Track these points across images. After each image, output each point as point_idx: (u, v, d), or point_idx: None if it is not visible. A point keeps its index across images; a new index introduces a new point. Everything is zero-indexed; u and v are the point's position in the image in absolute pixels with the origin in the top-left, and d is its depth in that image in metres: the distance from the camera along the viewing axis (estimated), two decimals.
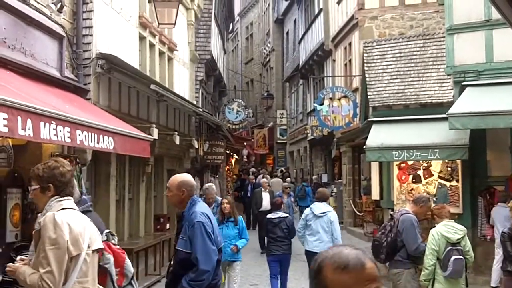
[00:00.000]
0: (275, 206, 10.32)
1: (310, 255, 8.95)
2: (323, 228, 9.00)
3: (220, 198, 8.62)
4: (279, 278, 9.76)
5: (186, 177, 5.08)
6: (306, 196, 20.65)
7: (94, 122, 6.31)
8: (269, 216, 10.05)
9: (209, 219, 4.80)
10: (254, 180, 22.84)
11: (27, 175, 7.22)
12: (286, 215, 10.14)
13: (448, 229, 6.92)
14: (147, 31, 11.96)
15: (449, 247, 6.81)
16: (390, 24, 16.94)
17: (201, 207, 4.86)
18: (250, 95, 39.40)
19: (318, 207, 9.21)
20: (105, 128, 6.56)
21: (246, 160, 35.72)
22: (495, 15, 9.90)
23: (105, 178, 9.72)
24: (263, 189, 17.00)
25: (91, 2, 8.99)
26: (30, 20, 7.27)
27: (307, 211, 9.44)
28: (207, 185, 9.87)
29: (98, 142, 6.25)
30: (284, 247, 9.68)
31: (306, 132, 26.21)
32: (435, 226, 7.09)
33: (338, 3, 20.00)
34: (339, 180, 21.26)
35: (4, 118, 4.51)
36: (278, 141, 34.20)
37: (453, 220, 7.24)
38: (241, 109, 27.60)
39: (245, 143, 32.66)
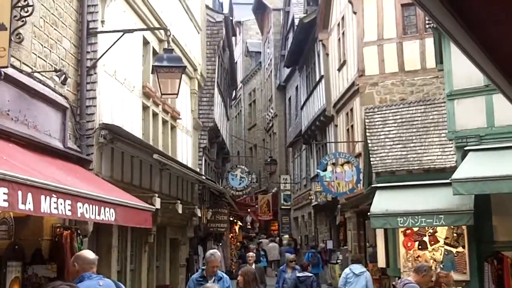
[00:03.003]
0: (302, 267, 13.09)
1: None
2: (361, 284, 11.46)
3: (220, 272, 7.88)
4: None
5: (84, 252, 5.38)
6: (318, 263, 20.36)
7: (95, 194, 6.29)
8: (298, 274, 12.48)
9: None
10: (254, 251, 22.36)
11: (28, 248, 7.21)
12: (311, 274, 12.72)
13: None
14: (151, 101, 12.10)
15: None
16: (391, 90, 17.11)
17: (83, 285, 4.89)
18: (253, 161, 39.48)
19: (356, 267, 11.82)
20: (106, 200, 6.53)
21: (250, 227, 35.43)
22: None
23: (107, 249, 9.61)
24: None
25: (95, 73, 9.13)
26: (34, 92, 7.36)
27: (347, 270, 11.95)
28: (211, 251, 9.06)
29: (99, 214, 6.21)
30: None
31: (310, 197, 26.08)
32: None
33: (339, 69, 20.29)
34: (345, 247, 21.00)
35: (4, 193, 4.50)
36: (282, 207, 33.97)
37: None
38: (245, 175, 27.58)
39: (248, 210, 32.50)
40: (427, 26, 15.49)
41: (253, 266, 16.45)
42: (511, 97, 3.22)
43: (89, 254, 5.37)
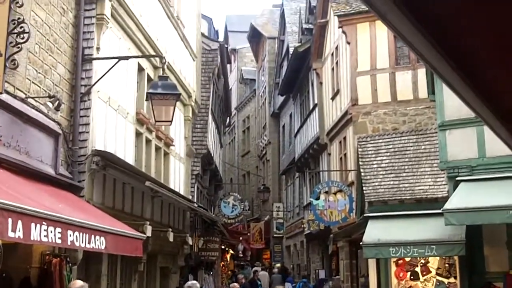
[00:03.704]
0: None
1: None
2: None
3: None
4: None
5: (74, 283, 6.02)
6: None
7: (85, 222, 6.26)
8: None
9: None
10: (243, 280, 21.95)
11: (16, 276, 7.14)
12: None
13: None
14: (144, 127, 12.11)
15: None
16: (383, 119, 17.21)
17: None
18: (246, 188, 39.40)
19: None
20: (96, 228, 6.50)
21: (242, 255, 35.21)
22: None
23: (96, 277, 9.51)
24: None
25: (89, 99, 9.14)
26: (27, 118, 7.36)
27: None
28: (189, 283, 9.31)
29: (89, 242, 6.17)
30: None
31: (302, 226, 25.98)
32: None
33: (332, 98, 20.41)
34: (337, 276, 20.87)
35: None
36: (275, 235, 33.81)
37: None
38: (237, 203, 27.49)
39: (241, 238, 32.30)
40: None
41: None
42: (498, 131, 3.26)
43: (74, 284, 5.45)
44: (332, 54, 20.50)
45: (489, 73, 2.49)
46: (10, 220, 4.65)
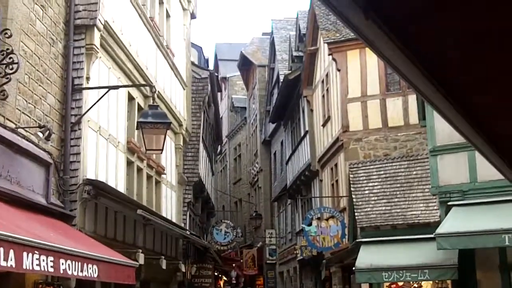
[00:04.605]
0: None
1: None
2: None
3: None
4: None
5: None
6: None
7: (78, 250, 6.24)
8: None
9: None
10: None
11: None
12: None
13: None
14: (135, 156, 12.11)
15: None
16: (375, 145, 17.28)
17: None
18: (238, 215, 39.29)
19: None
20: (89, 256, 6.48)
21: (235, 282, 34.99)
22: None
23: None
24: None
25: (80, 129, 9.15)
26: (18, 148, 7.36)
27: None
28: None
29: (82, 271, 6.15)
30: None
31: (295, 252, 25.89)
32: None
33: (323, 125, 20.50)
34: None
35: None
36: (268, 261, 33.65)
37: None
38: (230, 230, 27.41)
39: (233, 264, 32.14)
40: None
41: None
42: (489, 157, 3.30)
43: None
44: (323, 81, 20.65)
45: (477, 99, 2.53)
46: (1, 249, 4.64)
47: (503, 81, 2.29)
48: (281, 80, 27.16)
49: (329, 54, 18.54)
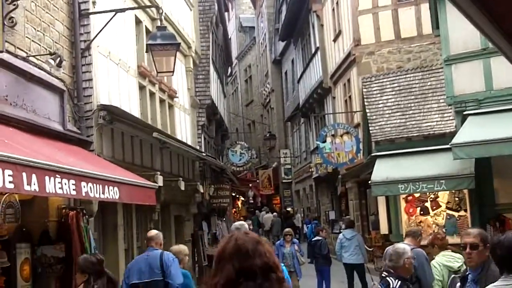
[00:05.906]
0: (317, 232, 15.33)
1: (347, 266, 13.34)
2: (354, 245, 13.05)
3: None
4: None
5: (149, 232, 7.32)
6: None
7: (98, 173, 6.32)
8: (313, 239, 14.57)
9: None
10: (251, 226, 22.15)
11: (35, 230, 7.26)
12: (321, 238, 14.09)
13: (448, 259, 6.99)
14: (147, 80, 12.06)
15: (452, 275, 6.80)
16: (388, 58, 17.06)
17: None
18: (252, 137, 39.52)
19: (348, 232, 13.55)
20: (109, 179, 6.56)
21: (252, 201, 35.62)
22: None
23: (113, 228, 9.66)
24: None
25: (90, 55, 9.08)
26: (30, 77, 7.34)
27: (340, 236, 13.79)
28: (237, 224, 7.48)
29: (103, 193, 6.24)
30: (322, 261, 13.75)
31: (310, 170, 26.16)
32: (433, 258, 7.11)
33: (334, 40, 20.21)
34: (347, 216, 21.11)
35: (9, 175, 4.54)
36: (284, 181, 34.12)
37: (450, 250, 7.22)
38: (244, 151, 27.62)
39: (250, 185, 32.61)
40: None
41: None
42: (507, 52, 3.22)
43: (149, 232, 7.05)
44: None
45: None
46: (24, 174, 4.70)
47: None
48: None
49: None
